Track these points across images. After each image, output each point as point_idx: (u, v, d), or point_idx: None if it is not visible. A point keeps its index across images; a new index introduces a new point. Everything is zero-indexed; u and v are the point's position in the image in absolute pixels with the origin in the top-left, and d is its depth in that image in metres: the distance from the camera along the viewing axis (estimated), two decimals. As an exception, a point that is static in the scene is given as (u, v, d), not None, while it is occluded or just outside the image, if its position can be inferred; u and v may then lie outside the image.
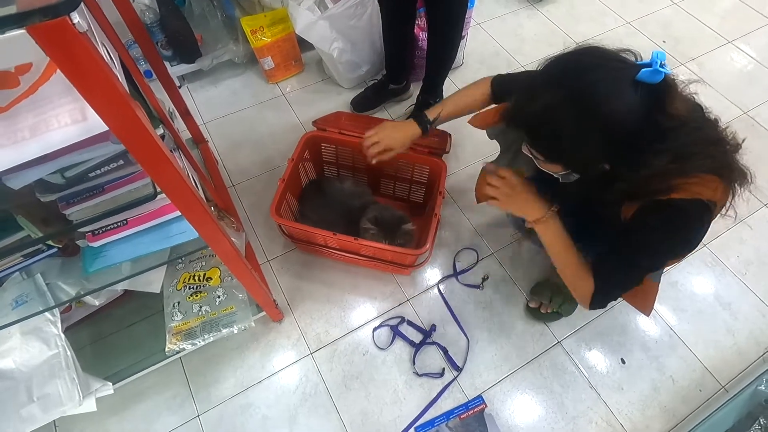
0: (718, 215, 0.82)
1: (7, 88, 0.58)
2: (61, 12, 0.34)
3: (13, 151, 0.53)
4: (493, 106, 1.11)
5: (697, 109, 0.80)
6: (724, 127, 0.81)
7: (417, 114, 1.14)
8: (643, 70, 0.67)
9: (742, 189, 0.79)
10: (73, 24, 0.36)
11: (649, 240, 0.80)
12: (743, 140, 0.81)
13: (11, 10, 0.33)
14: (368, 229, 1.25)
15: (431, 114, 1.12)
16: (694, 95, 0.80)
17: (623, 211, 0.83)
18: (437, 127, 1.15)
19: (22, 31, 0.34)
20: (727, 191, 0.78)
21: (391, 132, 1.13)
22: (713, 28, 2.10)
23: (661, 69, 0.67)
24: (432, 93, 1.66)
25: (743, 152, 0.81)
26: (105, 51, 0.60)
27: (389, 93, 1.75)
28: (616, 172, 0.77)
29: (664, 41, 2.05)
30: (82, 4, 0.36)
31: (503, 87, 1.08)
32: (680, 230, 0.79)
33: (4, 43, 0.35)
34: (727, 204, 0.80)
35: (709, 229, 0.81)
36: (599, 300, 0.90)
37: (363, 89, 1.77)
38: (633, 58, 0.74)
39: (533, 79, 0.78)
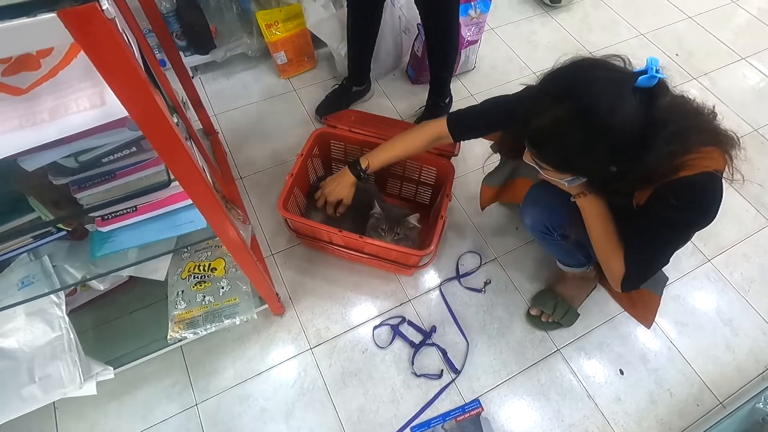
0: (727, 182, 0.84)
1: (28, 71, 0.59)
2: (91, -3, 0.34)
3: (33, 133, 0.54)
4: None
5: (681, 102, 0.83)
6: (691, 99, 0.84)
7: (350, 161, 1.21)
8: (641, 77, 0.71)
9: (737, 151, 0.82)
10: (102, 10, 0.36)
11: (671, 218, 0.83)
12: (714, 106, 0.85)
13: (43, -7, 0.34)
14: (374, 215, 1.26)
15: (364, 162, 1.18)
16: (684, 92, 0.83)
17: (636, 197, 0.87)
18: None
19: (52, 15, 0.35)
20: (725, 158, 0.81)
21: (332, 187, 1.22)
22: (727, 44, 2.09)
23: (656, 75, 0.71)
24: (440, 94, 1.67)
25: (752, 172, 0.83)
26: (127, 38, 0.61)
27: (353, 96, 1.75)
28: (623, 168, 0.79)
29: (677, 54, 2.04)
30: (110, -10, 0.37)
31: (460, 123, 1.10)
32: (698, 203, 0.82)
33: (33, 26, 0.35)
34: (730, 170, 0.83)
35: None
36: (631, 282, 0.93)
37: (325, 96, 1.75)
38: (622, 64, 0.78)
39: (536, 95, 0.81)
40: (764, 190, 1.59)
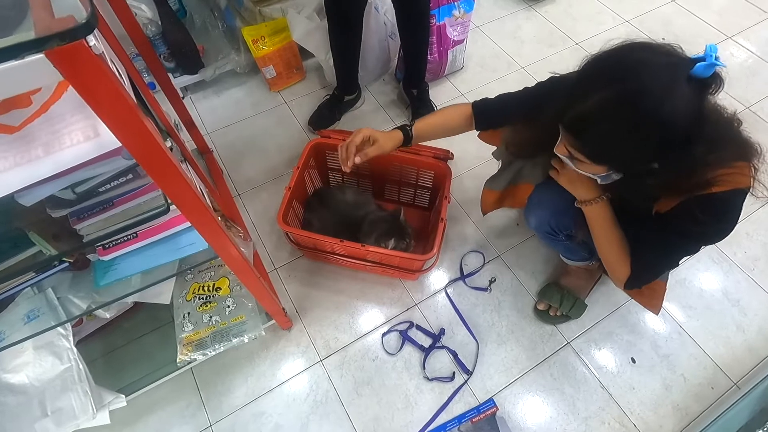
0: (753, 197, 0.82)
1: (19, 108, 0.59)
2: (78, 36, 0.34)
3: (29, 170, 0.54)
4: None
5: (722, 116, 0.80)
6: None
7: (405, 127, 1.11)
8: (699, 64, 0.65)
9: (761, 164, 0.79)
10: (89, 46, 0.36)
11: (692, 230, 0.82)
12: (736, 111, 0.81)
13: (30, 35, 0.34)
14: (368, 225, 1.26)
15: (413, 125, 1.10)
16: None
17: (659, 205, 0.84)
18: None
19: (40, 55, 0.35)
20: (753, 173, 0.78)
21: (372, 131, 1.06)
22: (712, 24, 2.10)
23: (716, 63, 0.64)
24: (417, 83, 1.70)
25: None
26: (115, 68, 0.61)
27: (345, 105, 1.75)
28: (663, 165, 0.75)
29: (663, 38, 2.02)
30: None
31: (484, 111, 1.07)
32: (726, 219, 0.80)
33: (22, 67, 0.35)
34: (759, 186, 0.79)
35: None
36: (634, 283, 0.94)
37: (317, 107, 1.75)
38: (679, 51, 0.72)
39: (581, 77, 0.75)
40: (761, 167, 1.59)
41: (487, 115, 1.07)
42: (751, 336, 1.30)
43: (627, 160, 0.76)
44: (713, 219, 0.79)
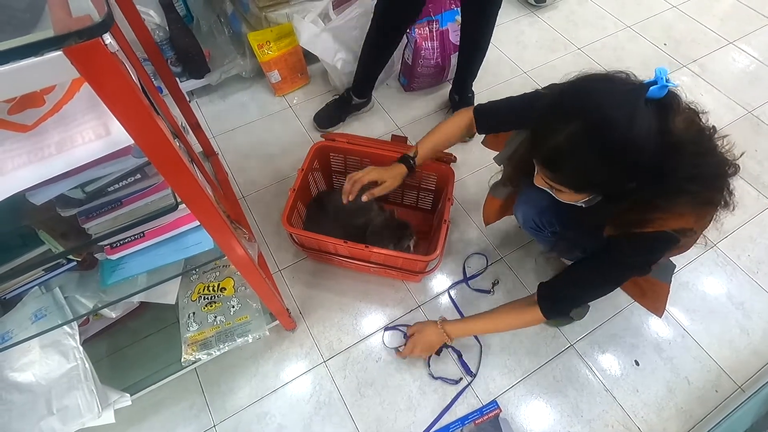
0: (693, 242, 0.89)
1: (33, 107, 0.60)
2: (95, 33, 0.36)
3: (41, 167, 0.55)
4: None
5: (696, 122, 0.79)
6: (721, 136, 0.81)
7: (400, 157, 1.17)
8: (652, 88, 0.68)
9: (720, 215, 0.82)
10: (105, 45, 0.38)
11: (625, 262, 0.87)
12: (741, 156, 0.82)
13: (49, 33, 0.35)
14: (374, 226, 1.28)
15: (413, 150, 1.16)
16: (690, 103, 0.80)
17: (606, 230, 0.88)
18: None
19: (58, 53, 0.36)
20: (700, 219, 0.82)
21: (377, 172, 1.14)
22: (713, 30, 2.11)
23: (666, 84, 0.68)
24: (463, 90, 1.72)
25: (750, 153, 0.82)
26: (127, 69, 0.62)
27: (352, 108, 1.77)
28: (641, 185, 0.77)
29: (665, 44, 2.06)
30: (110, 25, 0.38)
31: (485, 116, 1.10)
32: (650, 256, 0.86)
33: (40, 64, 0.37)
34: (698, 232, 0.85)
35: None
36: (551, 308, 0.97)
37: (325, 104, 1.78)
38: (626, 77, 0.76)
39: (546, 113, 0.78)
40: (764, 170, 1.59)
41: (487, 119, 1.10)
42: (755, 339, 1.30)
43: (607, 184, 0.78)
44: (634, 253, 0.84)
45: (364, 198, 1.10)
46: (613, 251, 0.87)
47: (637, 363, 1.26)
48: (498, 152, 1.20)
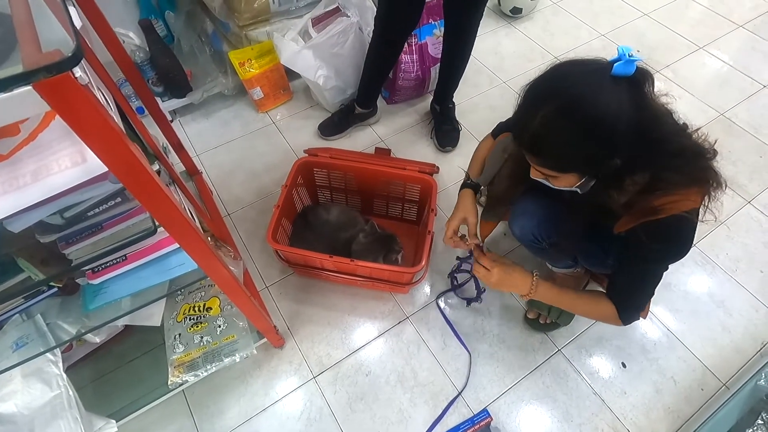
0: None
1: (8, 136, 0.60)
2: (64, 68, 0.36)
3: (16, 197, 0.55)
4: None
5: (670, 115, 0.84)
6: (695, 129, 0.85)
7: (463, 184, 1.21)
8: (617, 64, 0.72)
9: (717, 194, 0.84)
10: (75, 78, 0.38)
11: (650, 256, 0.88)
12: (715, 142, 0.85)
13: (18, 69, 0.36)
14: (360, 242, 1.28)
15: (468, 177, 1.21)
16: (666, 104, 0.83)
17: (617, 226, 0.89)
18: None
19: (28, 88, 0.37)
20: (704, 196, 0.83)
21: (456, 215, 1.17)
22: (684, 36, 2.18)
23: (630, 58, 0.71)
24: (444, 101, 1.75)
25: (724, 154, 0.85)
26: (101, 95, 0.63)
27: (356, 118, 1.79)
28: (627, 160, 0.79)
29: (638, 51, 2.09)
30: (81, 57, 0.39)
31: (499, 128, 1.16)
32: (675, 242, 0.87)
33: (10, 100, 0.37)
34: (702, 211, 0.85)
35: (697, 229, 0.85)
36: (628, 316, 0.97)
37: (330, 114, 1.81)
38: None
39: (523, 101, 0.82)
40: (738, 171, 1.64)
41: (500, 128, 1.16)
42: (736, 337, 1.32)
43: (589, 161, 0.79)
44: (661, 242, 0.85)
45: (476, 240, 1.11)
46: (635, 248, 0.89)
47: (624, 365, 1.28)
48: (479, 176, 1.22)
